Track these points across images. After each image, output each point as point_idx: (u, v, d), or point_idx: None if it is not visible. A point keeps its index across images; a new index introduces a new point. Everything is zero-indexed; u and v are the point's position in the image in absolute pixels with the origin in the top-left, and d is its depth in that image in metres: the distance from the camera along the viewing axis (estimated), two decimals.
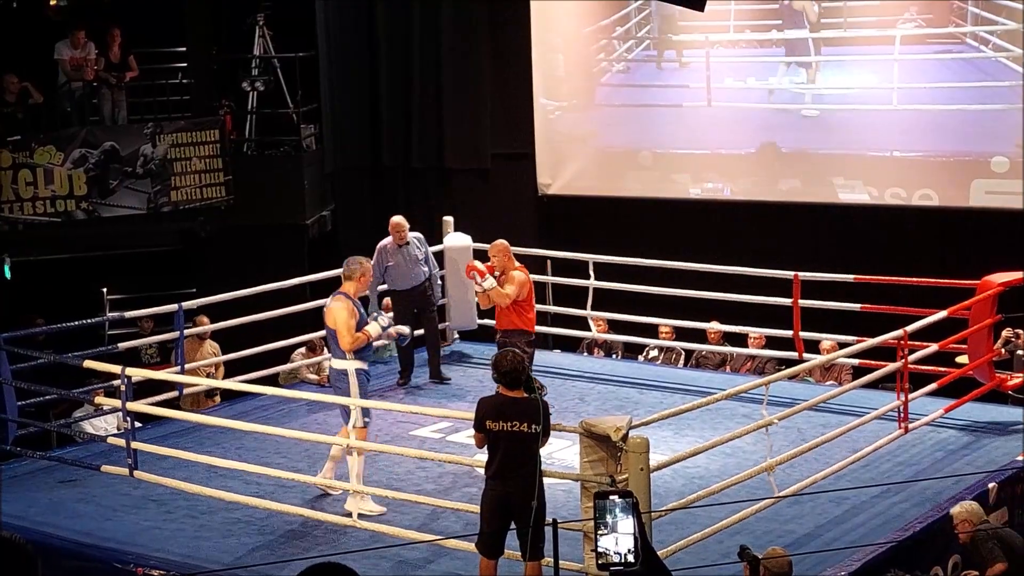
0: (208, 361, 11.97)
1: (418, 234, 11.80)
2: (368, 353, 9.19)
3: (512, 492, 7.22)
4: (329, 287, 12.23)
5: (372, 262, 11.59)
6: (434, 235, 12.85)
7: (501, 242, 10.23)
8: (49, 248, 13.82)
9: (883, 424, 9.97)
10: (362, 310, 9.14)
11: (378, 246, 11.65)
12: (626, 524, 4.27)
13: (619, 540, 4.27)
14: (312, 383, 11.91)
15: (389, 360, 12.42)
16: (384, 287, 11.74)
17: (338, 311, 8.96)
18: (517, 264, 9.99)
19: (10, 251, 13.40)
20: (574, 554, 7.25)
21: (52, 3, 14.38)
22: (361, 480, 8.79)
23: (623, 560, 4.26)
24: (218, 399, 12.13)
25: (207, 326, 11.88)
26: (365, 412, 8.91)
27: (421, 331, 11.72)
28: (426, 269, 11.65)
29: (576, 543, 7.44)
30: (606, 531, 4.28)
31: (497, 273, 10.07)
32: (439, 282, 11.94)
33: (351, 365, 8.95)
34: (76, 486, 9.67)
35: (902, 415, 9.99)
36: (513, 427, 7.20)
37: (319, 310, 12.30)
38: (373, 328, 9.07)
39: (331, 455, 9.14)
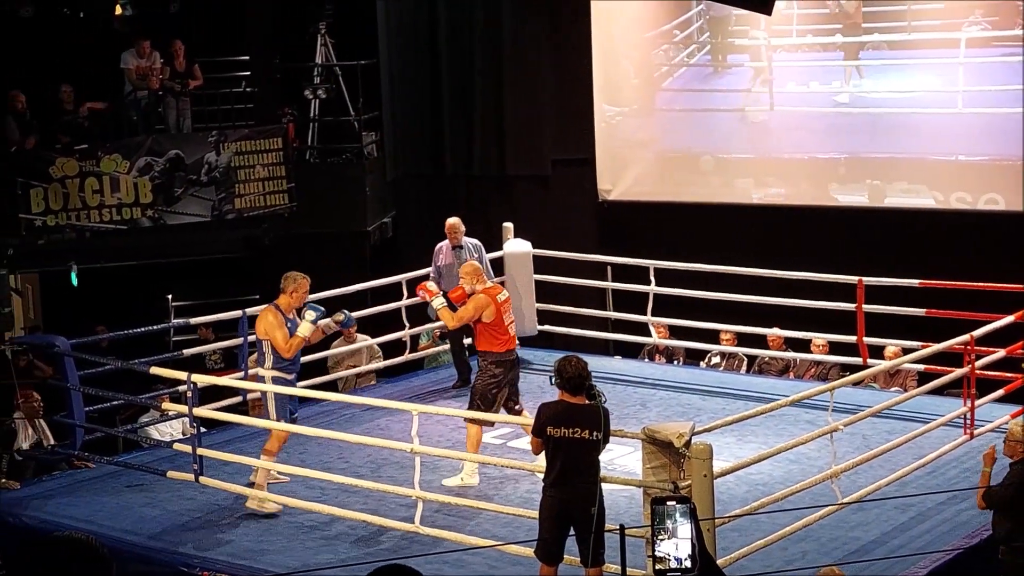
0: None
1: (476, 241, 11.82)
2: (295, 365, 9.57)
3: (572, 499, 7.21)
4: (390, 294, 12.36)
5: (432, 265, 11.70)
6: (494, 242, 12.88)
7: (470, 263, 10.21)
8: (115, 255, 13.99)
9: (949, 430, 9.88)
10: (292, 320, 9.42)
11: (436, 247, 11.72)
12: (685, 529, 4.26)
13: (679, 545, 4.26)
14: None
15: (447, 365, 12.45)
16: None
17: (265, 321, 9.39)
18: (490, 284, 9.94)
19: (77, 259, 13.57)
20: (637, 560, 7.23)
21: (117, 13, 14.56)
22: (265, 481, 9.32)
23: (681, 566, 4.25)
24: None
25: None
26: (283, 416, 9.35)
27: (470, 339, 11.66)
28: None
29: (639, 549, 7.42)
30: (666, 536, 4.28)
31: (470, 291, 9.95)
32: None
33: (268, 374, 9.44)
34: (143, 491, 9.78)
35: (968, 421, 9.90)
36: (575, 434, 7.19)
37: (380, 316, 12.44)
38: (304, 329, 9.36)
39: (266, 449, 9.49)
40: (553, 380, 7.31)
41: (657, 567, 4.26)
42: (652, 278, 12.59)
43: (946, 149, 13.51)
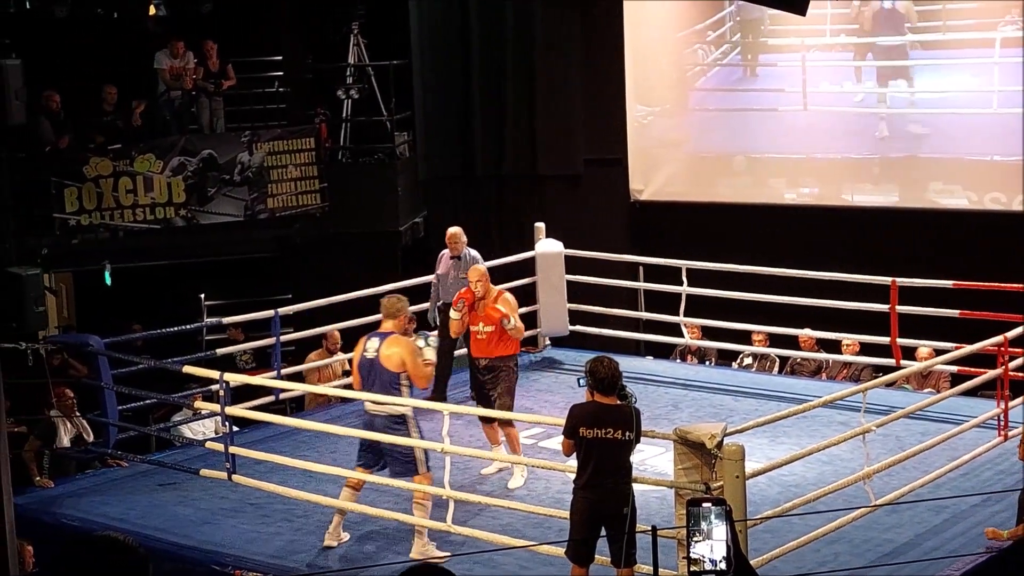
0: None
1: (475, 253, 11.36)
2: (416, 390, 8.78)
3: (604, 499, 7.20)
4: (421, 293, 12.35)
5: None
6: (526, 242, 12.89)
7: (480, 267, 10.10)
8: (148, 255, 14.06)
9: (982, 432, 9.84)
10: None
11: (440, 254, 11.55)
12: (720, 531, 4.25)
13: (714, 547, 4.25)
14: None
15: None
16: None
17: (402, 352, 8.44)
18: (495, 288, 9.91)
19: (111, 258, 13.65)
20: (669, 562, 7.22)
21: (151, 13, 14.65)
22: (425, 531, 8.52)
23: (716, 568, 4.24)
24: None
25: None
26: (428, 456, 8.60)
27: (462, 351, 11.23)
28: None
29: (670, 550, 7.40)
30: (701, 538, 4.26)
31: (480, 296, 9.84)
32: None
33: (411, 411, 8.55)
34: (175, 489, 9.83)
35: (1002, 423, 9.84)
36: (607, 434, 7.18)
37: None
38: (431, 354, 8.65)
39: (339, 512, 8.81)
40: (584, 381, 7.29)
41: (692, 569, 4.24)
42: (684, 278, 12.55)
43: (981, 149, 13.42)
